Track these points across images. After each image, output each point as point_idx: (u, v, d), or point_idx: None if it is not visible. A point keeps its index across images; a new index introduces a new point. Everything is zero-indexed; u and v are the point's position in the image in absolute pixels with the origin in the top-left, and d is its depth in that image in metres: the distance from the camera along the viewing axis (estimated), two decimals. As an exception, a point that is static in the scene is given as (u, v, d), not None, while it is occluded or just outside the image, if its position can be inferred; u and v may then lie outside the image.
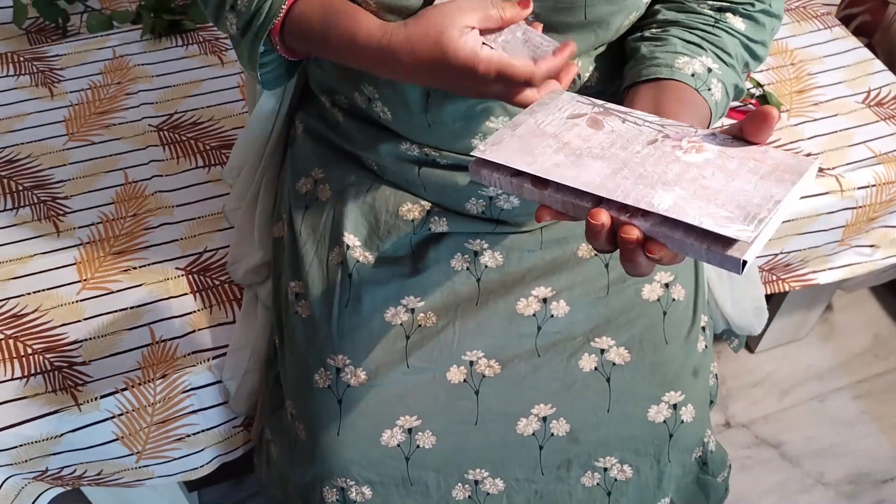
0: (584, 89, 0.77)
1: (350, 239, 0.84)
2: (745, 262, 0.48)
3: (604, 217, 0.51)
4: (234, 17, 0.72)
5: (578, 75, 0.78)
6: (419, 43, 0.63)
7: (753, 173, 0.54)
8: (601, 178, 0.54)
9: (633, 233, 0.51)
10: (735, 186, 0.53)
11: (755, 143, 0.56)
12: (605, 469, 0.85)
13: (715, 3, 0.75)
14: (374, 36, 0.66)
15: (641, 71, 0.72)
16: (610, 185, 0.53)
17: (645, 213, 0.52)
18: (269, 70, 0.76)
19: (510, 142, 0.59)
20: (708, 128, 0.72)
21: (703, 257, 0.50)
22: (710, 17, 0.75)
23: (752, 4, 0.75)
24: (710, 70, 0.72)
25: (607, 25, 0.72)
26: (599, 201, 0.53)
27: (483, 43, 0.63)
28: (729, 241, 0.49)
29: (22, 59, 1.27)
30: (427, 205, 0.84)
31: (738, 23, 0.75)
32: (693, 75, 0.71)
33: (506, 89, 0.64)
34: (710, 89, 0.71)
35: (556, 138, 0.59)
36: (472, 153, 0.60)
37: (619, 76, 0.76)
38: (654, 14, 0.76)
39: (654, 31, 0.75)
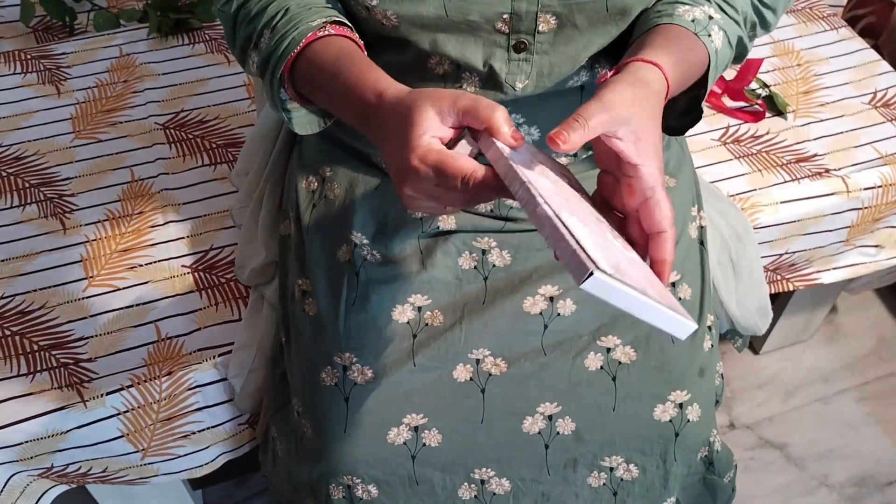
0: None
1: (358, 237, 0.84)
2: (590, 274, 0.49)
3: None
4: (256, 55, 0.72)
5: (592, 67, 0.77)
6: (394, 115, 0.61)
7: (646, 278, 0.56)
8: (541, 185, 0.56)
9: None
10: (628, 264, 0.54)
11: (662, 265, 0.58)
12: (611, 469, 0.85)
13: None
14: (375, 88, 0.64)
15: (642, 26, 0.71)
16: (544, 192, 0.56)
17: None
18: (294, 115, 0.75)
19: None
20: (707, 76, 0.71)
21: (569, 257, 0.51)
22: None
23: None
24: (711, 17, 0.70)
25: (627, 16, 0.72)
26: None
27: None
28: (587, 265, 0.50)
29: (29, 57, 1.28)
30: (435, 203, 0.84)
31: None
32: (693, 21, 0.69)
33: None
34: (709, 35, 0.69)
35: (538, 163, 0.61)
36: None
37: None
38: None
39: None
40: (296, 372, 0.86)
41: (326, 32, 0.69)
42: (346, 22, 0.72)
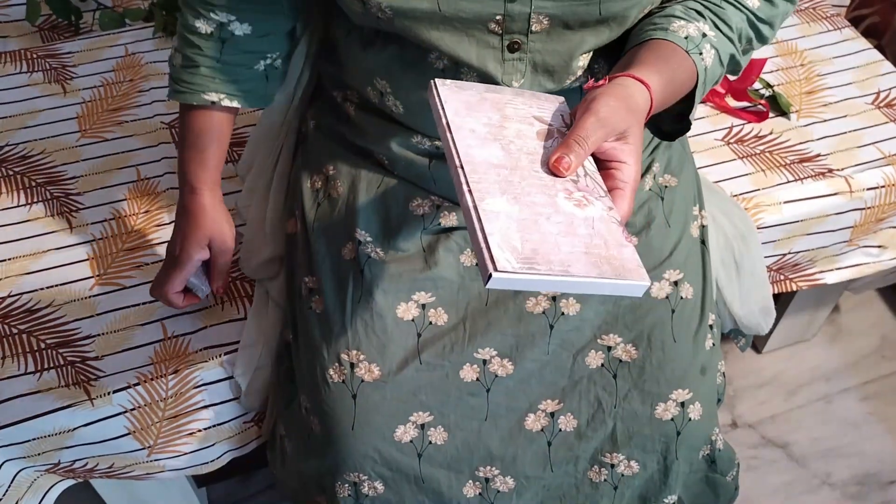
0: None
1: (362, 235, 0.84)
2: (490, 276, 0.52)
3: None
4: (178, 58, 0.87)
5: (591, 67, 0.78)
6: (182, 222, 0.89)
7: (587, 248, 0.55)
8: (482, 159, 0.58)
9: None
10: (558, 240, 0.55)
11: (629, 240, 0.58)
12: (613, 465, 0.86)
13: None
14: (192, 182, 0.87)
15: (638, 35, 0.72)
16: (480, 169, 0.57)
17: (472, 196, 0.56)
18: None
19: (469, 94, 0.63)
20: (696, 93, 0.72)
21: (477, 254, 0.54)
22: None
23: None
24: (704, 35, 0.71)
25: (623, 20, 0.72)
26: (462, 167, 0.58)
27: None
28: (487, 267, 0.52)
29: (35, 56, 1.28)
30: (437, 199, 0.85)
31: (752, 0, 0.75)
32: (686, 38, 0.70)
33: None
34: (701, 53, 0.71)
35: (503, 118, 0.62)
36: (436, 79, 0.65)
37: None
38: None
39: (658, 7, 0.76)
40: (304, 368, 0.86)
41: (214, 108, 0.85)
42: (238, 97, 0.85)
